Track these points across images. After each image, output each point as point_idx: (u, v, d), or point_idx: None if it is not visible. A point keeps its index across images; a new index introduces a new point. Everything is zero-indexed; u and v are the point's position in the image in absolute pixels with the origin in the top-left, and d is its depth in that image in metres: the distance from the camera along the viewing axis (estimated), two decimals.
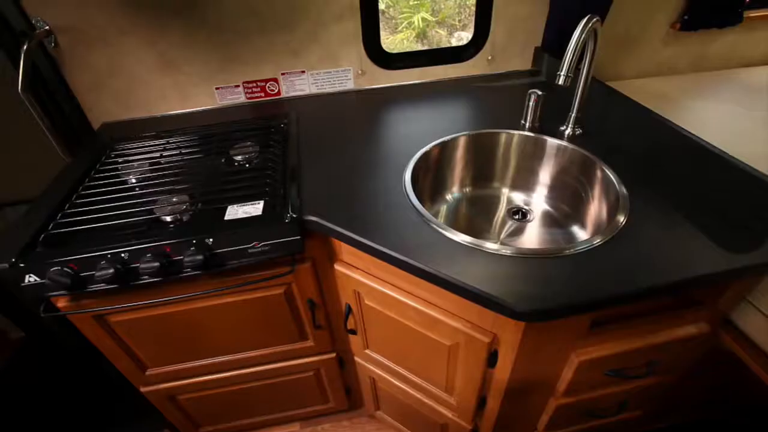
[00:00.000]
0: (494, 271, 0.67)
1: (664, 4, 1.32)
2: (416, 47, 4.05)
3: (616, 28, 1.31)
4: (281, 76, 1.24)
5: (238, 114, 1.22)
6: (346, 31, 1.19)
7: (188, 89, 1.21)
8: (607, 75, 1.42)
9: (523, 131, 1.03)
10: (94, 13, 1.05)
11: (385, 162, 0.96)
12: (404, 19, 4.08)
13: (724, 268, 0.66)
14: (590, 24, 0.81)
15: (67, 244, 0.80)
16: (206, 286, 0.87)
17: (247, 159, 0.99)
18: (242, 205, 0.83)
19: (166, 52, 1.14)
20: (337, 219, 0.79)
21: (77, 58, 1.11)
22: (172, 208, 0.86)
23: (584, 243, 0.71)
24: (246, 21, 1.12)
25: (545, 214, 1.02)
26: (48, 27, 1.06)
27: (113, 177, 0.98)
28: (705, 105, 1.23)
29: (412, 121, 1.12)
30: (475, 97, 1.23)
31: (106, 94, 1.18)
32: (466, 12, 4.20)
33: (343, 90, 1.30)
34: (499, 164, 1.07)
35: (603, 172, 0.90)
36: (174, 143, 1.08)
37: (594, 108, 1.04)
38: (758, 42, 1.48)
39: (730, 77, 1.42)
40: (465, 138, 1.02)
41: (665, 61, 1.47)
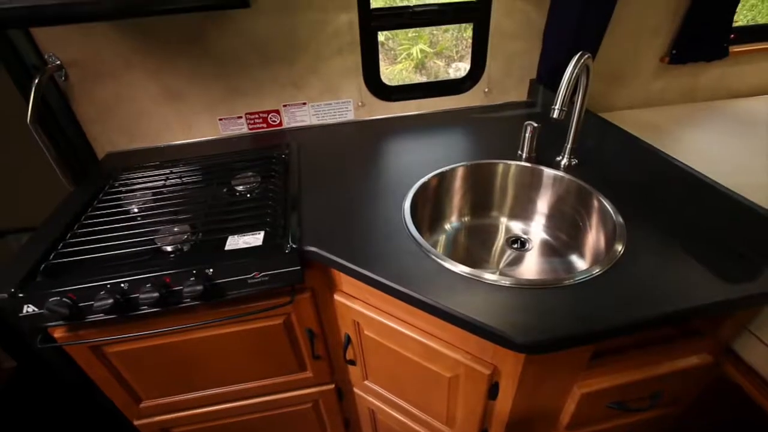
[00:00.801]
0: (494, 302, 0.67)
1: (652, 39, 1.38)
2: (415, 77, 4.16)
3: (608, 62, 1.36)
4: (283, 108, 1.27)
5: (240, 144, 1.25)
6: (346, 65, 1.23)
7: (192, 120, 1.24)
8: (601, 106, 1.46)
9: (520, 161, 1.05)
10: (103, 48, 1.09)
11: (384, 192, 0.97)
12: (403, 50, 4.21)
13: (723, 298, 0.66)
14: (582, 60, 0.84)
15: (68, 273, 0.80)
16: (205, 316, 0.86)
17: (248, 189, 1.01)
18: (243, 236, 0.84)
19: (171, 84, 1.17)
20: (337, 249, 0.80)
21: (85, 90, 1.14)
22: (173, 238, 0.86)
23: (583, 273, 0.72)
24: (249, 55, 1.16)
25: (544, 243, 1.03)
26: (59, 62, 1.09)
27: (116, 206, 0.99)
28: (696, 135, 1.26)
29: (410, 151, 1.15)
30: (472, 128, 1.26)
31: (112, 125, 1.21)
32: (463, 44, 4.34)
33: (344, 121, 1.33)
34: (497, 194, 1.09)
35: (599, 202, 0.91)
36: (177, 173, 1.10)
37: (589, 139, 1.07)
38: (745, 75, 1.53)
39: (719, 108, 1.46)
40: (463, 168, 1.04)
41: (656, 93, 1.51)
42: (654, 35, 1.37)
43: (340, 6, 1.13)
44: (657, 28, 1.36)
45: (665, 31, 1.37)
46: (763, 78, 1.55)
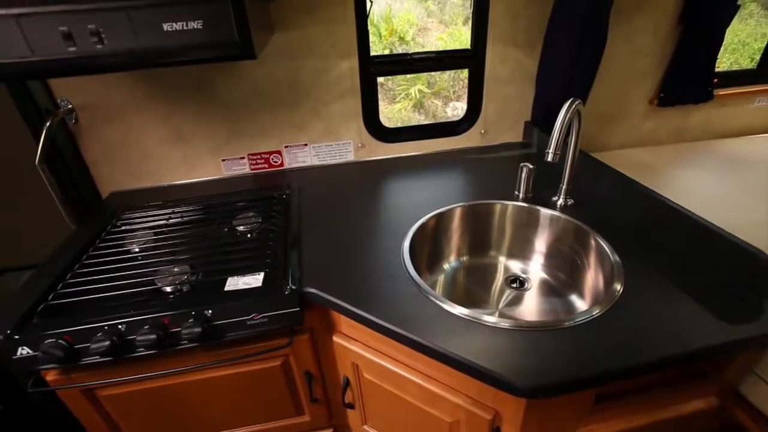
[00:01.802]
0: (494, 344, 0.67)
1: (641, 83, 1.44)
2: (413, 116, 4.29)
3: (600, 104, 1.41)
4: (285, 149, 1.31)
5: (242, 184, 1.27)
6: (347, 108, 1.27)
7: (195, 160, 1.27)
8: (594, 146, 1.50)
9: (517, 202, 1.07)
10: (115, 93, 1.14)
11: (383, 232, 0.98)
12: (402, 90, 4.37)
13: (725, 340, 0.66)
14: (573, 106, 0.88)
15: (66, 314, 0.80)
16: (202, 358, 0.85)
17: (249, 229, 1.02)
18: (242, 276, 0.85)
19: (177, 127, 1.21)
20: (337, 291, 0.80)
21: (94, 132, 1.18)
22: (173, 279, 0.86)
23: (583, 314, 0.72)
24: (254, 99, 1.21)
25: (543, 282, 1.03)
26: (71, 105, 1.13)
27: (117, 246, 0.99)
28: (687, 175, 1.29)
29: (409, 191, 1.17)
30: (469, 168, 1.29)
31: (118, 166, 1.24)
32: (460, 84, 4.50)
33: (344, 162, 1.36)
34: (495, 233, 1.10)
35: (596, 242, 0.92)
36: (178, 213, 1.11)
37: (583, 179, 1.09)
38: (731, 116, 1.59)
39: (708, 148, 1.50)
40: (461, 209, 1.06)
41: (648, 133, 1.56)
42: (642, 79, 1.44)
43: (341, 54, 1.19)
44: (645, 72, 1.42)
45: (652, 75, 1.44)
46: (747, 119, 1.62)
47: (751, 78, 1.59)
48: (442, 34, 4.90)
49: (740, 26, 4.89)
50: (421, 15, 5.25)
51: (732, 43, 4.81)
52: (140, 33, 0.67)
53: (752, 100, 1.59)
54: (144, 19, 0.66)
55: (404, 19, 4.96)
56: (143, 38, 0.68)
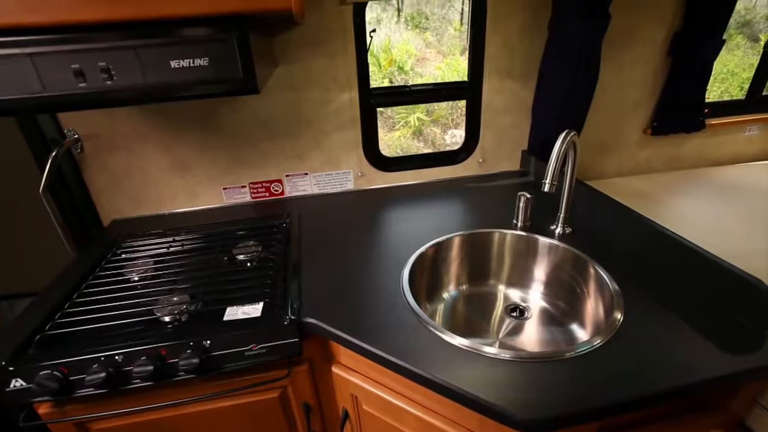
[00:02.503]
0: (494, 376, 0.66)
1: (634, 113, 1.48)
2: (412, 143, 4.36)
3: (595, 133, 1.44)
4: (285, 178, 1.33)
5: (243, 212, 1.28)
6: (347, 138, 1.30)
7: (197, 189, 1.29)
8: (590, 174, 1.53)
9: (515, 230, 1.07)
10: (121, 124, 1.16)
11: (383, 261, 0.99)
12: (401, 118, 4.46)
13: (727, 372, 0.66)
14: (568, 138, 0.90)
15: (63, 345, 0.79)
16: (199, 389, 0.84)
17: (249, 258, 1.02)
18: (242, 306, 0.84)
19: (180, 156, 1.23)
20: (336, 321, 0.80)
21: (99, 161, 1.20)
22: (171, 308, 0.86)
23: (585, 345, 0.71)
24: (256, 129, 1.24)
25: (543, 311, 1.02)
26: (77, 135, 1.16)
27: (117, 275, 0.99)
28: (683, 202, 1.31)
29: (408, 220, 1.18)
30: (468, 197, 1.31)
31: (120, 194, 1.25)
32: (458, 112, 4.60)
33: (344, 190, 1.38)
34: (494, 262, 1.10)
35: (595, 270, 0.92)
36: (179, 241, 1.12)
37: (581, 208, 1.11)
38: (723, 145, 1.63)
39: (702, 176, 1.52)
40: (459, 238, 1.06)
41: (643, 161, 1.59)
42: (635, 110, 1.48)
43: (342, 86, 1.22)
44: (637, 103, 1.46)
45: (645, 105, 1.48)
46: (739, 148, 1.65)
47: (740, 108, 1.64)
48: (440, 64, 5.05)
49: (728, 57, 5.05)
50: (419, 46, 5.43)
51: (721, 72, 4.95)
52: (148, 70, 0.70)
53: (743, 129, 1.63)
54: (152, 56, 0.69)
55: (403, 50, 5.12)
56: (151, 75, 0.70)
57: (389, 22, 5.56)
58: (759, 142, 1.68)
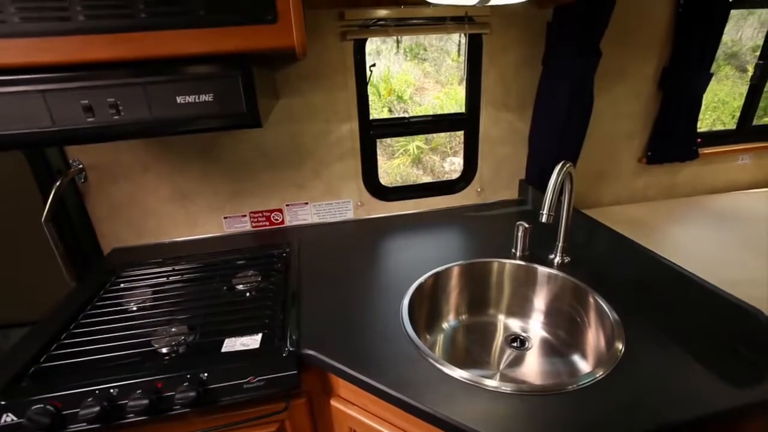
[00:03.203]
0: (496, 410, 0.65)
1: (628, 143, 1.51)
2: (412, 171, 4.41)
3: (591, 164, 1.47)
4: (286, 207, 1.34)
5: (243, 241, 1.29)
6: (347, 169, 1.32)
7: (198, 218, 1.30)
8: (588, 202, 1.54)
9: (514, 260, 1.08)
10: (125, 155, 1.18)
11: (382, 291, 0.99)
12: (400, 146, 4.53)
13: (731, 406, 0.65)
14: (564, 168, 0.92)
15: (57, 377, 0.78)
16: (195, 423, 0.82)
17: (249, 288, 1.02)
18: (240, 337, 0.84)
19: (182, 186, 1.25)
20: (335, 353, 0.79)
21: (102, 190, 1.21)
22: (169, 339, 0.85)
23: (587, 377, 0.71)
24: (258, 160, 1.26)
25: (543, 341, 1.01)
26: (82, 165, 1.17)
27: (115, 305, 0.99)
28: (680, 230, 1.32)
29: (408, 249, 1.18)
30: (466, 226, 1.32)
31: (121, 223, 1.26)
32: (457, 140, 4.68)
33: (344, 220, 1.39)
34: (494, 292, 1.10)
35: (595, 300, 0.92)
36: (179, 270, 1.12)
37: (579, 237, 1.11)
38: (717, 173, 1.65)
39: (698, 204, 1.54)
40: (459, 267, 1.07)
41: (639, 190, 1.61)
42: (629, 140, 1.51)
43: (342, 118, 1.25)
44: (631, 133, 1.50)
45: (639, 136, 1.51)
46: (733, 176, 1.68)
47: (732, 137, 1.68)
48: (439, 93, 5.17)
49: (719, 86, 5.18)
50: (418, 75, 5.57)
51: (713, 101, 5.07)
52: (155, 105, 0.72)
53: (736, 158, 1.66)
54: (159, 92, 0.72)
55: (402, 80, 5.25)
56: (157, 110, 0.72)
57: (389, 53, 5.72)
58: (752, 170, 1.71)
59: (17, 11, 0.62)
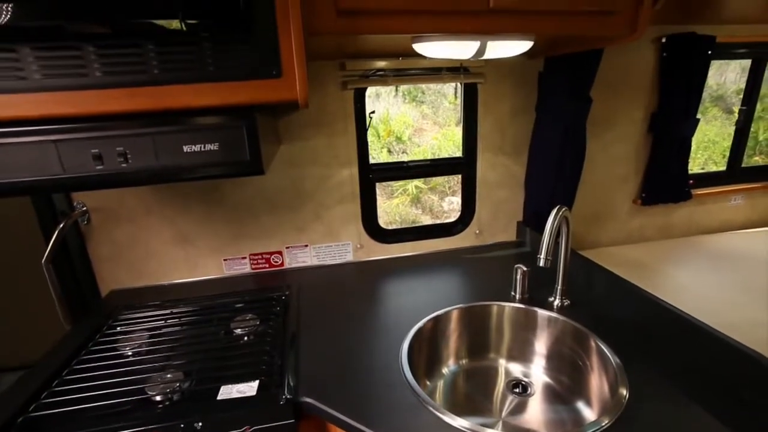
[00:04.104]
0: None
1: (623, 185, 1.55)
2: (411, 210, 4.45)
3: (587, 205, 1.50)
4: (286, 249, 1.35)
5: (242, 283, 1.29)
6: (347, 212, 1.34)
7: (198, 260, 1.30)
8: (585, 243, 1.56)
9: (513, 303, 1.08)
10: (129, 197, 1.21)
11: (382, 336, 0.98)
12: (399, 186, 4.60)
13: None
14: (560, 213, 0.94)
15: (46, 427, 0.76)
16: None
17: (246, 332, 1.01)
18: (237, 384, 0.82)
19: (183, 229, 1.26)
20: (334, 401, 0.77)
21: (104, 232, 1.23)
22: (164, 386, 0.84)
23: (592, 426, 0.70)
24: (259, 203, 1.28)
25: (546, 387, 0.99)
26: (86, 208, 1.19)
27: (111, 350, 0.98)
28: (679, 272, 1.32)
29: (407, 292, 1.18)
30: (465, 268, 1.32)
31: (122, 265, 1.26)
32: (455, 180, 4.76)
33: (343, 262, 1.40)
34: (494, 335, 1.09)
35: (596, 344, 0.91)
36: (176, 314, 1.11)
37: (578, 279, 1.12)
38: (711, 213, 1.68)
39: (695, 244, 1.55)
40: (458, 311, 1.06)
41: (636, 230, 1.63)
42: (623, 182, 1.55)
43: (342, 162, 1.29)
44: (625, 176, 1.54)
45: (633, 178, 1.55)
46: (727, 216, 1.71)
47: (723, 179, 1.72)
48: (437, 134, 5.31)
49: (707, 127, 5.34)
50: (416, 117, 5.74)
51: (703, 141, 5.21)
52: (162, 154, 0.75)
53: (728, 199, 1.69)
54: (167, 142, 0.74)
55: (401, 121, 5.42)
56: (164, 158, 0.75)
57: (388, 96, 5.93)
58: (746, 210, 1.73)
59: (39, 68, 0.66)
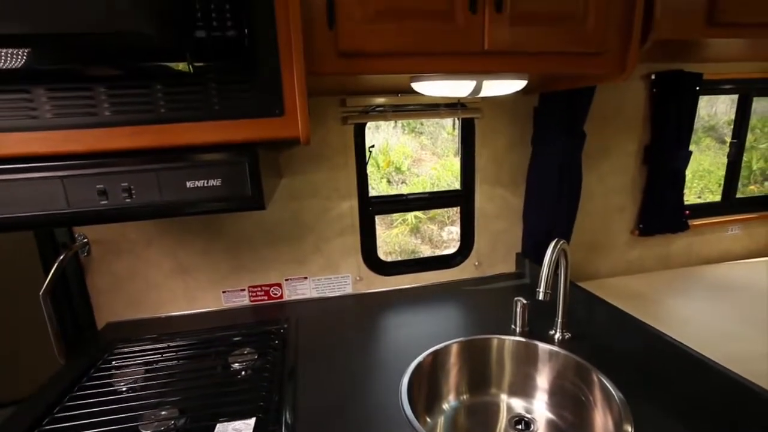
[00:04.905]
0: None
1: (620, 216, 1.56)
2: (410, 240, 4.45)
3: (585, 236, 1.51)
4: (285, 282, 1.35)
5: (241, 316, 1.28)
6: (346, 244, 1.35)
7: (197, 292, 1.30)
8: (585, 275, 1.56)
9: (514, 336, 1.07)
10: (129, 229, 1.22)
11: (381, 370, 0.97)
12: (399, 216, 4.62)
13: None
14: (558, 246, 0.95)
15: None
16: None
17: (244, 366, 1.00)
18: (232, 422, 0.80)
19: (183, 260, 1.27)
20: None
21: (104, 264, 1.23)
22: (158, 424, 0.82)
23: None
24: (259, 236, 1.29)
25: (549, 423, 0.97)
26: (87, 239, 1.20)
27: (105, 385, 0.96)
28: (680, 303, 1.32)
29: (406, 325, 1.17)
30: (465, 300, 1.32)
31: (120, 297, 1.26)
32: (454, 210, 4.79)
33: (342, 294, 1.39)
34: (495, 370, 1.07)
35: (599, 379, 0.90)
36: (173, 347, 1.10)
37: (578, 312, 1.11)
38: (710, 243, 1.69)
39: (695, 275, 1.55)
40: (458, 345, 1.05)
41: (635, 260, 1.63)
42: (620, 213, 1.56)
43: (342, 195, 1.31)
44: (622, 206, 1.56)
45: (629, 209, 1.57)
46: (725, 246, 1.72)
47: (718, 209, 1.73)
48: (436, 164, 5.39)
49: (702, 156, 5.43)
50: (415, 148, 5.84)
51: (698, 170, 5.28)
52: (166, 189, 0.76)
53: (726, 229, 1.70)
54: (171, 178, 0.76)
55: (400, 152, 5.51)
56: (168, 193, 0.76)
57: (387, 127, 6.05)
58: (744, 240, 1.74)
59: (52, 108, 0.69)
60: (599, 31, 0.90)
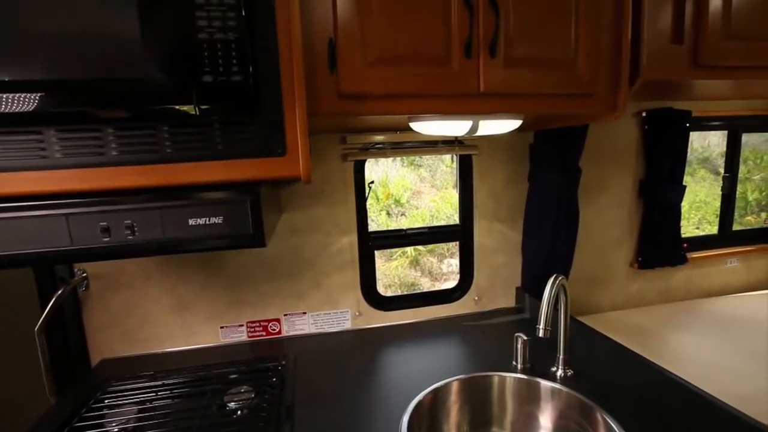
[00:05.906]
0: None
1: (618, 249, 1.57)
2: (410, 272, 4.43)
3: (585, 270, 1.51)
4: (283, 317, 1.33)
5: (238, 352, 1.26)
6: (346, 279, 1.35)
7: (194, 327, 1.28)
8: (586, 308, 1.55)
9: (515, 373, 1.05)
10: (129, 263, 1.22)
11: (381, 408, 0.95)
12: (398, 248, 4.61)
13: None
14: (557, 282, 0.95)
15: None
16: None
17: (240, 405, 0.97)
18: None
19: (182, 296, 1.26)
20: None
21: (102, 299, 1.22)
22: None
23: None
24: (258, 271, 1.29)
25: None
26: (85, 274, 1.20)
27: (96, 426, 0.93)
28: (681, 338, 1.31)
29: (406, 361, 1.16)
30: (465, 336, 1.30)
31: (117, 333, 1.24)
32: (453, 242, 4.78)
33: (341, 330, 1.37)
34: (496, 408, 1.05)
35: (603, 418, 0.88)
36: (168, 385, 1.07)
37: (580, 348, 1.10)
38: (709, 276, 1.69)
39: (696, 308, 1.55)
40: (458, 383, 1.03)
41: (635, 294, 1.63)
42: (619, 246, 1.57)
43: (342, 231, 1.32)
44: (620, 240, 1.57)
45: (628, 242, 1.58)
46: (725, 278, 1.72)
47: (716, 242, 1.74)
48: (435, 197, 5.43)
49: (698, 188, 5.48)
50: (414, 180, 5.91)
51: (695, 201, 5.32)
52: (168, 227, 0.77)
53: (724, 262, 1.71)
54: (173, 215, 0.77)
55: (399, 185, 5.56)
56: (170, 231, 0.77)
57: (386, 161, 6.15)
58: (743, 272, 1.74)
59: (61, 148, 0.71)
60: (589, 73, 0.94)
